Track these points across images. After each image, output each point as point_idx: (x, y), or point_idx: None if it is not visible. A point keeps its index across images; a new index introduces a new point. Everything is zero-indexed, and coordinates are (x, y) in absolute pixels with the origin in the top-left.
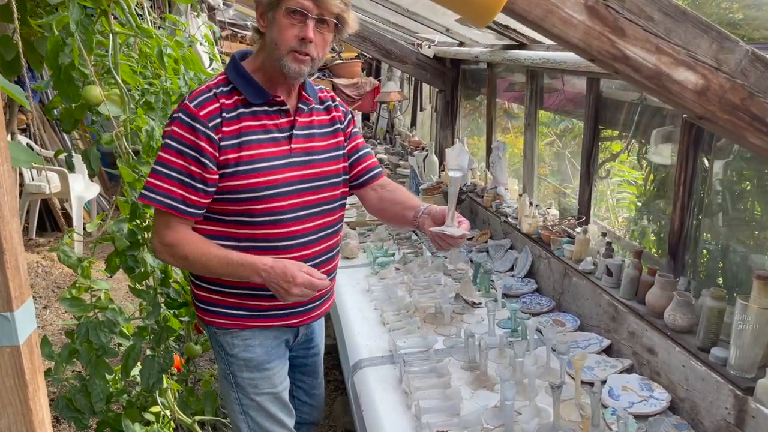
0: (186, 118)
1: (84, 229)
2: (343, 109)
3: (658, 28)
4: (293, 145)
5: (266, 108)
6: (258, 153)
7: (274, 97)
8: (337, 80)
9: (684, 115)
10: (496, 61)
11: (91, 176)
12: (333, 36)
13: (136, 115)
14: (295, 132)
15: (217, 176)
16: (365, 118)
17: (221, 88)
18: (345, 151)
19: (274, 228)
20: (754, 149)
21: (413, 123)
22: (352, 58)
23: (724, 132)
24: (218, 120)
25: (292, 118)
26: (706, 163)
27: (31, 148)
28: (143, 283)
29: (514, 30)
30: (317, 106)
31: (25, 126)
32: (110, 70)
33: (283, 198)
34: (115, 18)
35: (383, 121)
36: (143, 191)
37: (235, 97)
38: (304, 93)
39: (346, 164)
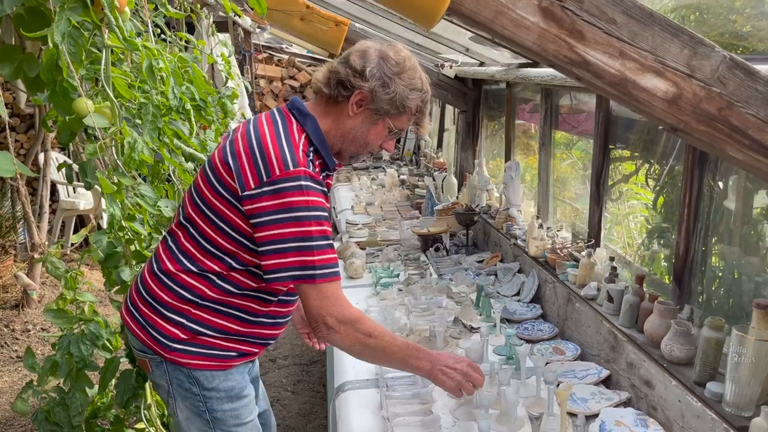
0: (316, 185)
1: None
2: None
3: (622, 31)
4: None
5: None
6: None
7: (338, 166)
8: None
9: (660, 127)
10: (510, 80)
11: (87, 189)
12: None
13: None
14: (328, 193)
15: None
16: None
17: (310, 152)
18: None
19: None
20: (735, 163)
21: (439, 144)
22: None
23: (701, 144)
24: None
25: (329, 181)
26: (720, 183)
27: (70, 166)
28: None
29: None
30: None
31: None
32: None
33: None
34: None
35: (410, 143)
36: (326, 271)
37: (317, 161)
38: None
39: None
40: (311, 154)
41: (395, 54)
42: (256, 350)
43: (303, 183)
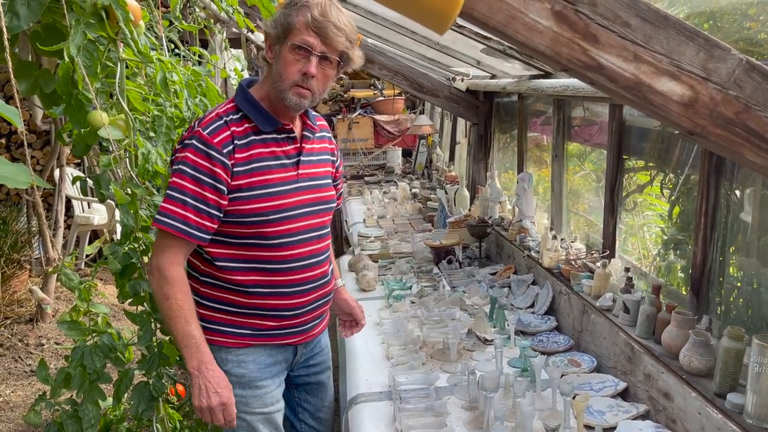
0: (200, 146)
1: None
2: (334, 144)
3: (636, 34)
4: (300, 171)
5: (275, 135)
6: (269, 178)
7: (284, 125)
8: (378, 117)
9: (675, 132)
10: (522, 91)
11: (101, 201)
12: (335, 72)
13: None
14: (302, 158)
15: (227, 201)
16: (406, 154)
17: (231, 116)
18: (332, 182)
19: (286, 250)
20: (753, 168)
21: (451, 158)
22: (395, 95)
23: (718, 149)
24: (231, 147)
25: (298, 145)
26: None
27: (84, 179)
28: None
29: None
30: (317, 134)
31: (79, 160)
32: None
33: (291, 221)
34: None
35: (422, 156)
36: (157, 216)
37: (246, 125)
38: (308, 121)
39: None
40: (229, 116)
41: None
42: (271, 324)
43: (188, 142)
